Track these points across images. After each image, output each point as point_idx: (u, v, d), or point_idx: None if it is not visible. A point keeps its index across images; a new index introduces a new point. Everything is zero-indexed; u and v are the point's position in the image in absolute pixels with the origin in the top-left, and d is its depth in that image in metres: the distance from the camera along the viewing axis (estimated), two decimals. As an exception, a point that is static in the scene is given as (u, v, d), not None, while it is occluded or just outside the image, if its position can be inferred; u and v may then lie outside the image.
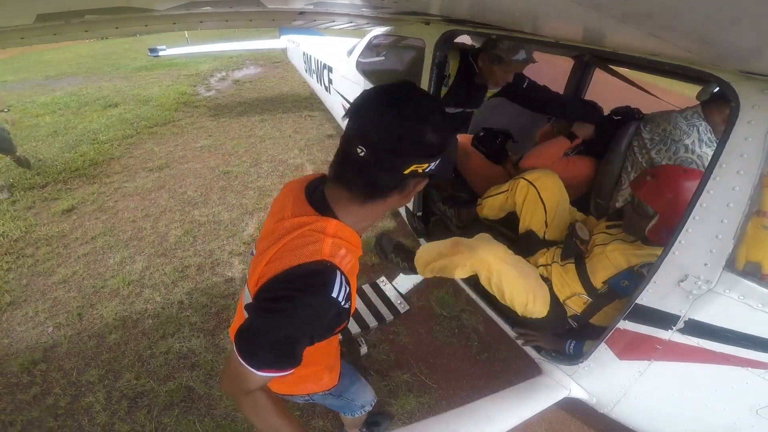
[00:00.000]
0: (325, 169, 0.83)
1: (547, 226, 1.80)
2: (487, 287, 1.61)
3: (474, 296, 1.89)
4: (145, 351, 2.35)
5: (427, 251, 1.78)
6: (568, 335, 1.55)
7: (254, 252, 0.90)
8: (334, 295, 0.75)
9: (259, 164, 4.59)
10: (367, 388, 1.42)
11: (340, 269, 0.77)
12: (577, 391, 1.46)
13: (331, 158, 0.77)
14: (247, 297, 0.89)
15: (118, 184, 4.24)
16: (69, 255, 3.19)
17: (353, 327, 1.99)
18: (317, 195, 0.85)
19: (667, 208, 1.28)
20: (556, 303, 1.57)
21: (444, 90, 1.99)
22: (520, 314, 1.60)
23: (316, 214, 0.80)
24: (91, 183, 4.28)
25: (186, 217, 3.62)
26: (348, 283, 0.78)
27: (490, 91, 2.14)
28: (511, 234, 2.05)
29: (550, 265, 1.66)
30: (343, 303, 0.77)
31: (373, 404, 1.50)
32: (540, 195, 1.78)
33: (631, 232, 1.47)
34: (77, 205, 3.86)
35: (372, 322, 2.04)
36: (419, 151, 0.72)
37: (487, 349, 2.36)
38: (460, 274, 1.64)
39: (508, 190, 1.93)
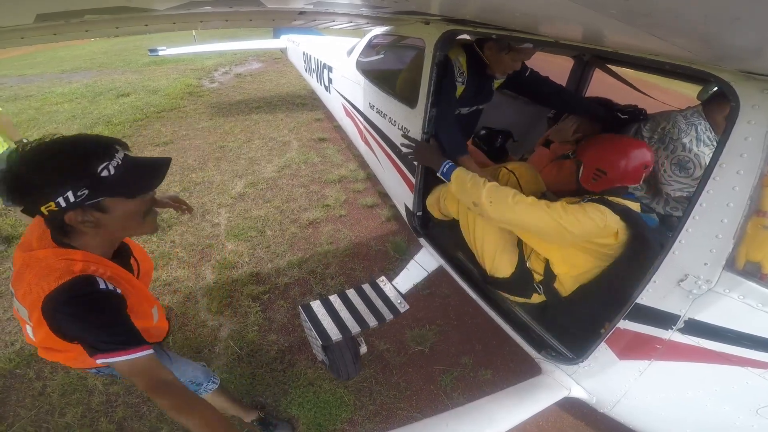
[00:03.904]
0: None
1: None
2: (464, 232, 1.82)
3: (464, 285, 1.93)
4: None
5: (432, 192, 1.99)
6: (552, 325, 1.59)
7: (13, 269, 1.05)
8: (103, 287, 0.94)
9: (252, 141, 5.20)
10: (190, 365, 1.50)
11: (95, 276, 0.95)
12: (577, 391, 1.46)
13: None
14: (20, 307, 1.01)
15: (128, 155, 4.87)
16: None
17: (353, 327, 1.99)
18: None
19: (589, 157, 1.57)
20: (522, 264, 1.71)
21: (461, 88, 1.91)
22: (488, 271, 1.77)
23: (57, 247, 0.97)
24: (105, 155, 4.92)
25: (185, 179, 4.25)
26: (111, 281, 0.98)
27: (497, 82, 2.06)
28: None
29: None
30: (114, 290, 0.97)
31: (215, 383, 1.57)
32: (519, 182, 1.92)
33: (574, 183, 1.66)
34: (92, 170, 4.51)
35: (372, 321, 2.04)
36: (31, 195, 0.86)
37: (430, 286, 2.73)
38: (451, 206, 1.87)
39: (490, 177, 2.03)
